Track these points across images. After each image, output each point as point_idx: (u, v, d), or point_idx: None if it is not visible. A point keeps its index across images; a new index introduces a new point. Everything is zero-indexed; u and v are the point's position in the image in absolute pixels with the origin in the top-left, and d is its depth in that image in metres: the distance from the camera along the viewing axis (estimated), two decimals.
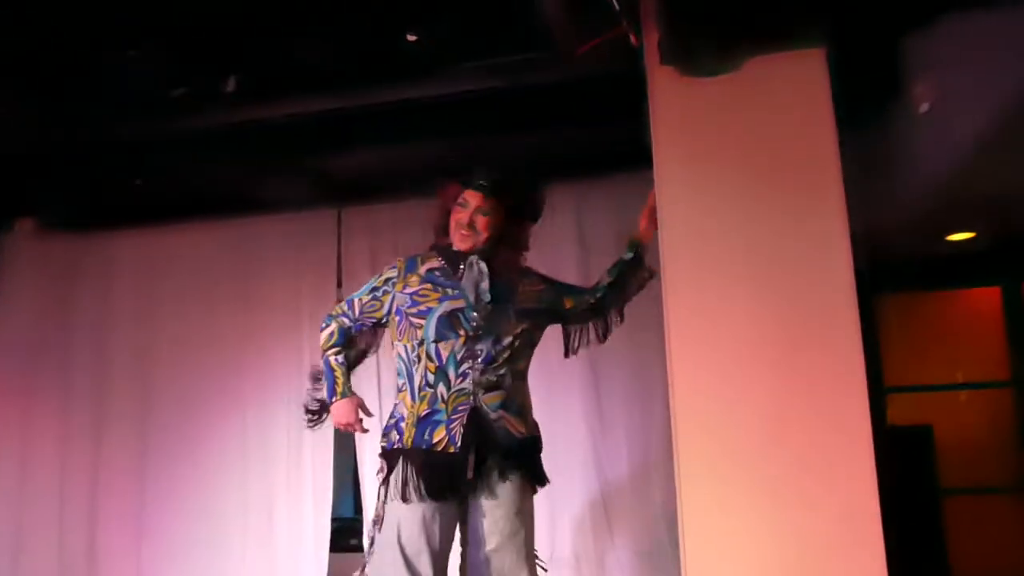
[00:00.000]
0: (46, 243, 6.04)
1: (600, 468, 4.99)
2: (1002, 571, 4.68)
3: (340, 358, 2.65)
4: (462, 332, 2.44)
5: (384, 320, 2.63)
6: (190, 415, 5.58)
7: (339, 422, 2.64)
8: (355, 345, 2.71)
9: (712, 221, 2.61)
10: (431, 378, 2.44)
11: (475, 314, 2.45)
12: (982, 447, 5.12)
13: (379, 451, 2.58)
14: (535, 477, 2.58)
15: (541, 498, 2.71)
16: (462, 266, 2.55)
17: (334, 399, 2.63)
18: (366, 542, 2.65)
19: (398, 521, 2.41)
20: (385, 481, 2.47)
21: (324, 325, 2.72)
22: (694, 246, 2.62)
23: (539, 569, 2.63)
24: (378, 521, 2.47)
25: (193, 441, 5.54)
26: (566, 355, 2.82)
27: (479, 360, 2.43)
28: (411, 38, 3.48)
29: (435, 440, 2.43)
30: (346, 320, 2.66)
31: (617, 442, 5.00)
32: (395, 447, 2.49)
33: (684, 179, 2.65)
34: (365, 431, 2.70)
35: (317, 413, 2.71)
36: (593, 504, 4.94)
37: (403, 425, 2.48)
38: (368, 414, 2.69)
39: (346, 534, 5.83)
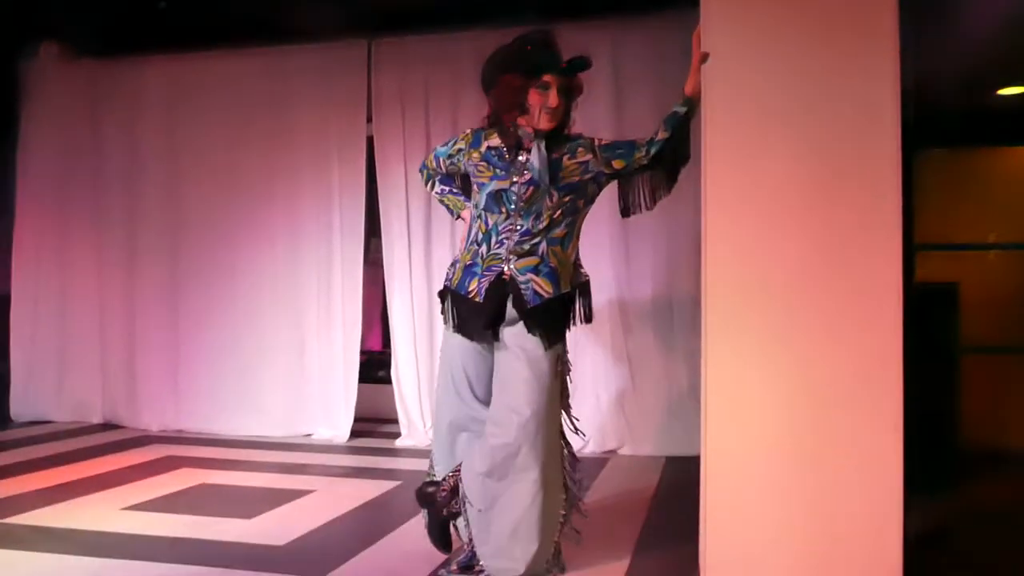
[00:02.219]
0: (72, 68, 5.98)
1: (624, 312, 5.08)
2: (1011, 429, 4.82)
3: (442, 188, 2.96)
4: (504, 210, 2.67)
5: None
6: (220, 245, 5.69)
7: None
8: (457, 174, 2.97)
9: (756, 66, 2.50)
10: (479, 237, 2.72)
11: (514, 196, 2.66)
12: (1007, 307, 5.12)
13: None
14: (556, 331, 2.72)
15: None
16: (519, 151, 2.69)
17: (458, 219, 2.97)
18: None
19: (448, 346, 2.81)
20: (443, 311, 2.82)
21: (420, 172, 3.04)
22: (735, 94, 2.53)
23: (569, 430, 2.84)
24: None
25: (224, 271, 5.68)
26: (623, 215, 2.88)
27: (517, 233, 2.66)
28: None
29: (469, 289, 2.72)
30: (435, 173, 2.96)
31: (643, 287, 5.06)
32: (446, 285, 2.82)
33: (729, 19, 2.53)
34: None
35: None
36: (617, 351, 5.07)
37: (455, 268, 2.80)
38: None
39: (375, 366, 6.07)
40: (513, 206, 2.66)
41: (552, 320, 2.69)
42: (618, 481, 4.27)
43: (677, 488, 4.04)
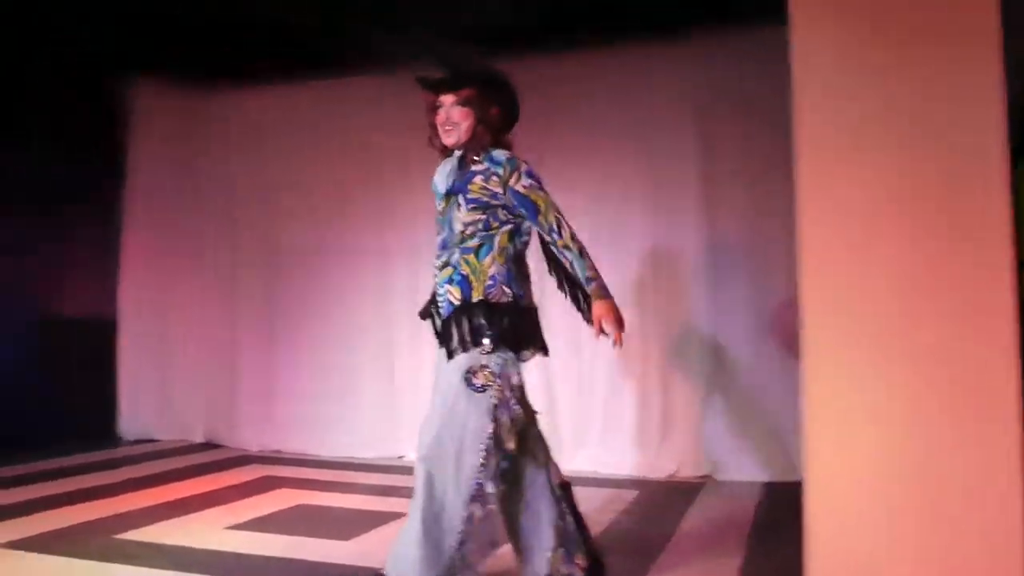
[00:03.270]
0: (173, 100, 6.27)
1: (714, 333, 5.01)
2: None
3: None
4: (437, 223, 2.73)
5: None
6: (314, 269, 5.85)
7: None
8: None
9: (851, 72, 2.43)
10: None
11: (437, 207, 2.73)
12: None
13: None
14: (462, 339, 2.59)
15: None
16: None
17: None
18: None
19: None
20: None
21: None
22: (830, 101, 2.46)
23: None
24: None
25: (318, 295, 5.83)
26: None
27: (437, 247, 2.71)
28: None
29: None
30: None
31: (733, 305, 4.98)
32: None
33: (821, 24, 2.48)
34: None
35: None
36: (707, 373, 5.01)
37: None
38: None
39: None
40: (438, 217, 2.73)
41: (456, 327, 2.59)
42: (714, 509, 4.18)
43: (777, 517, 3.91)
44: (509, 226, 2.66)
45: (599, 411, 5.23)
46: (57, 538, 3.54)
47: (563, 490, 2.78)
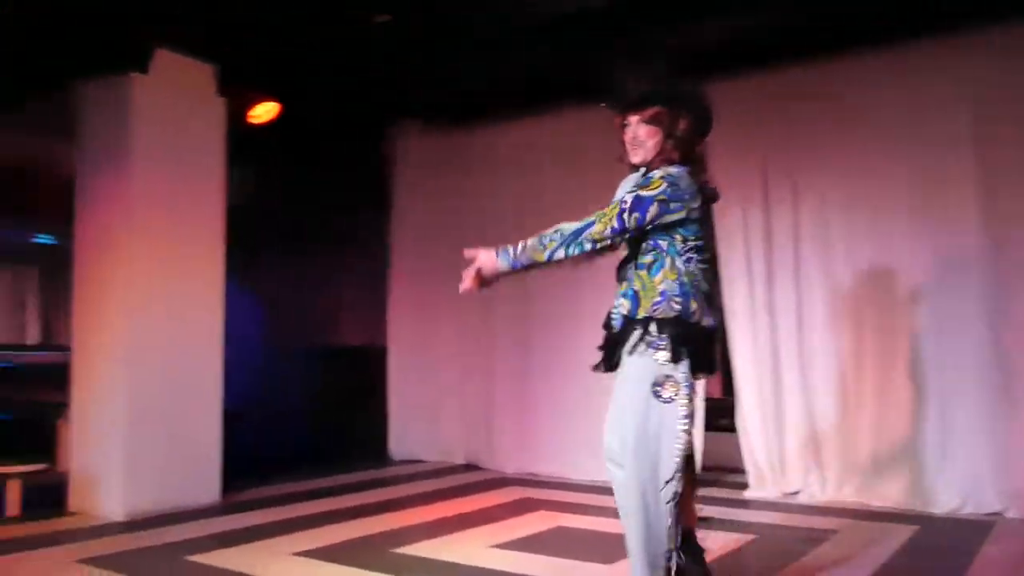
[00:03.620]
0: (431, 140, 6.71)
1: (1002, 354, 4.52)
2: None
3: None
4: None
5: None
6: (565, 295, 5.92)
7: None
8: None
9: None
10: None
11: None
12: None
13: None
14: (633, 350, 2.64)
15: None
16: None
17: None
18: None
19: None
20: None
21: None
22: None
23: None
24: None
25: (570, 320, 5.89)
26: None
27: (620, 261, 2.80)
28: None
29: None
30: None
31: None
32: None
33: None
34: None
35: None
36: (999, 398, 4.53)
37: None
38: None
39: (715, 413, 5.93)
40: None
41: (625, 341, 2.65)
42: (1012, 553, 3.75)
43: None
44: (664, 241, 2.68)
45: (868, 437, 4.88)
46: (341, 550, 3.86)
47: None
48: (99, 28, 4.54)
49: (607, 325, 2.81)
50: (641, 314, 2.65)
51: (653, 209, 2.61)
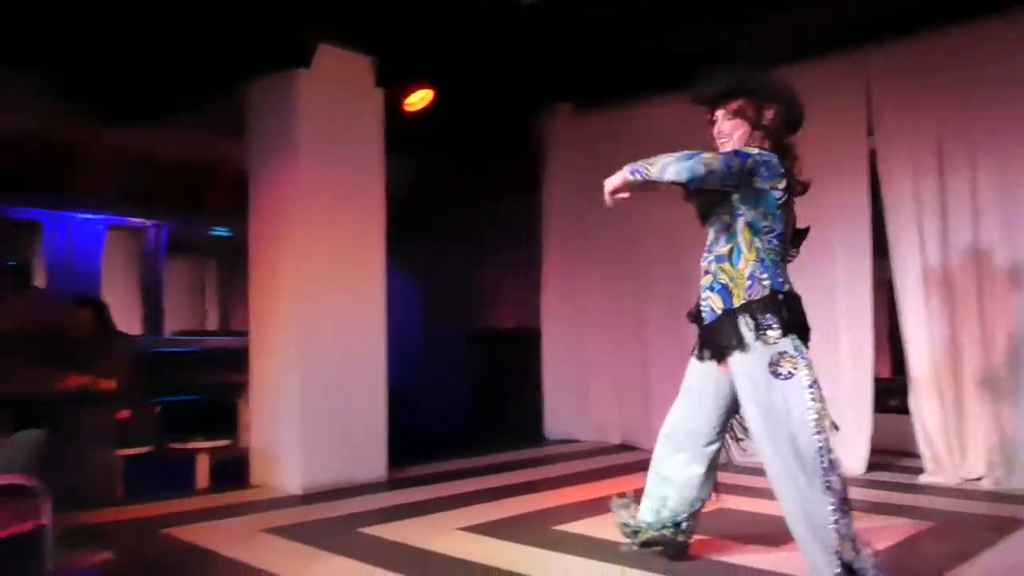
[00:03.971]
0: (580, 121, 6.71)
1: None
2: None
3: None
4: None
5: None
6: None
7: None
8: None
9: None
10: None
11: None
12: None
13: None
14: (729, 344, 2.75)
15: None
16: None
17: None
18: None
19: None
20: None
21: None
22: None
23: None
24: None
25: None
26: None
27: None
28: None
29: None
30: None
31: None
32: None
33: None
34: None
35: None
36: None
37: None
38: None
39: (883, 394, 5.63)
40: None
41: (724, 332, 2.76)
42: None
43: None
44: (742, 217, 2.75)
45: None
46: (503, 526, 3.95)
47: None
48: (268, 29, 4.79)
49: (697, 318, 2.92)
50: (737, 303, 2.74)
51: (750, 162, 2.71)
